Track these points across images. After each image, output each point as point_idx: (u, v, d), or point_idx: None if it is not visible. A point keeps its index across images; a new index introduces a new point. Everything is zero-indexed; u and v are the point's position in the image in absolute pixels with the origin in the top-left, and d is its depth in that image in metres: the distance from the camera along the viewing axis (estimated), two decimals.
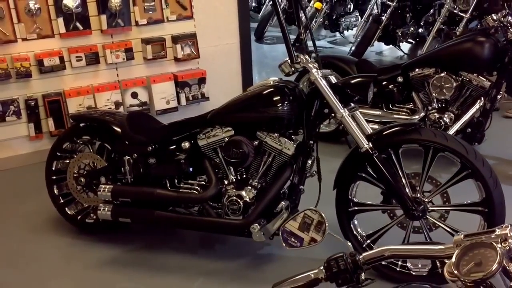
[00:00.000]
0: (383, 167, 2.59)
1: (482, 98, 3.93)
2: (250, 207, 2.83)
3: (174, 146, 3.03)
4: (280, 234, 1.50)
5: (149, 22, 4.84)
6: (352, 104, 2.78)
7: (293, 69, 2.77)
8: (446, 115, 3.98)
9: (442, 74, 3.94)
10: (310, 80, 2.70)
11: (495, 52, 3.86)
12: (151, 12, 4.86)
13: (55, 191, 3.41)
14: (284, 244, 1.46)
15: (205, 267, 3.02)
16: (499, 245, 1.00)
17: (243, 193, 2.84)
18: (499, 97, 4.07)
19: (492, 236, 1.03)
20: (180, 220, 2.96)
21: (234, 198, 2.83)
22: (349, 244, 1.31)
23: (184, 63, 5.14)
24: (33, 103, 4.57)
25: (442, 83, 3.93)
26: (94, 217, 3.30)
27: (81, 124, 3.28)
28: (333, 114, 2.71)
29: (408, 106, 4.22)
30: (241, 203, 2.82)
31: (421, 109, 4.09)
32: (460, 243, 1.06)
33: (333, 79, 2.81)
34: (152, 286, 2.87)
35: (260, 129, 2.82)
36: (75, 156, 3.36)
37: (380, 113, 4.24)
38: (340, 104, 2.66)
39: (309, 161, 2.88)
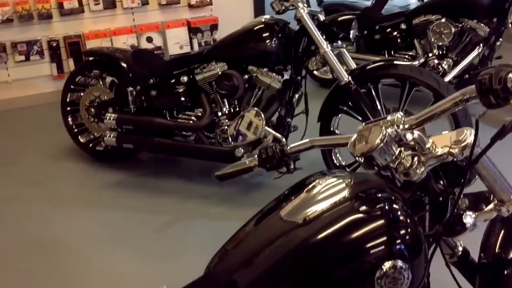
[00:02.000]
0: (361, 99, 2.73)
1: (481, 45, 3.96)
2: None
3: (174, 80, 3.23)
4: (235, 134, 1.66)
5: None
6: (340, 42, 2.90)
7: (283, 7, 2.88)
8: (445, 62, 3.97)
9: (442, 20, 3.95)
10: (297, 17, 2.83)
11: None
12: None
13: (69, 121, 3.68)
14: (233, 142, 1.61)
15: (199, 191, 3.26)
16: (387, 127, 1.16)
17: (234, 123, 3.03)
18: (498, 43, 4.05)
19: (384, 121, 1.18)
20: (177, 147, 3.18)
21: (226, 127, 3.02)
22: (284, 140, 1.48)
23: (198, 9, 5.28)
24: (55, 44, 4.82)
25: (442, 29, 3.96)
26: (104, 145, 3.57)
27: (91, 58, 3.50)
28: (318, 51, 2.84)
29: (409, 53, 4.24)
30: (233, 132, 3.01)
31: (421, 55, 4.10)
32: (360, 129, 1.23)
33: (321, 18, 2.92)
34: (151, 204, 3.13)
35: (251, 64, 2.97)
36: (86, 89, 3.60)
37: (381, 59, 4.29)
38: (324, 41, 2.78)
39: (297, 95, 3.03)
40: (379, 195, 1.16)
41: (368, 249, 1.06)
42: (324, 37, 2.81)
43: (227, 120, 3.05)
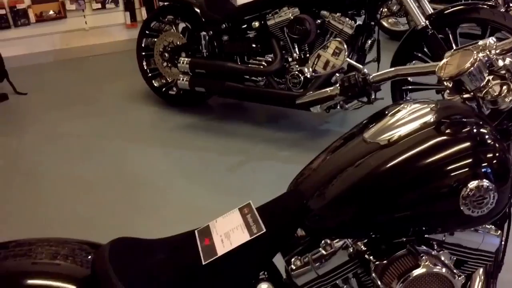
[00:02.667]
0: (437, 44, 2.64)
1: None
2: (309, 81, 3.02)
3: (245, 25, 3.25)
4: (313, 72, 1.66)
5: None
6: None
7: None
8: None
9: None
10: None
11: None
12: None
13: (144, 65, 3.81)
14: (313, 74, 1.60)
15: (267, 136, 3.32)
16: (478, 51, 1.14)
17: (305, 69, 3.03)
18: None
19: (475, 46, 1.16)
20: (247, 91, 3.23)
21: (296, 73, 3.03)
22: (365, 69, 1.48)
23: None
24: None
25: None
26: (175, 90, 3.69)
27: (166, 4, 3.57)
28: None
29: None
30: (302, 78, 3.02)
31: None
32: (449, 55, 1.21)
33: None
34: (221, 146, 3.23)
35: (324, 9, 2.93)
36: (160, 34, 3.69)
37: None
38: None
39: (369, 41, 2.98)
40: (466, 119, 1.15)
41: (454, 168, 1.07)
42: None
43: (297, 66, 3.06)
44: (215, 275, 1.13)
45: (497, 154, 1.09)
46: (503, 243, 1.24)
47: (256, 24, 3.19)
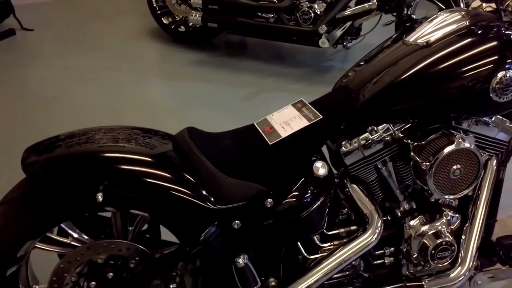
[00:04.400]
0: None
1: None
2: (319, 18, 3.16)
3: None
4: None
5: None
6: None
7: None
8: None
9: None
10: None
11: None
12: None
13: (153, 3, 3.87)
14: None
15: (276, 70, 3.48)
16: None
17: (315, 5, 3.17)
18: None
19: None
20: (259, 27, 3.36)
21: (307, 9, 3.17)
22: None
23: None
24: None
25: None
26: (184, 28, 3.79)
27: None
28: None
29: None
30: (312, 14, 3.16)
31: None
32: None
33: None
34: (234, 79, 3.38)
35: None
36: None
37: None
38: None
39: None
40: (493, 24, 1.34)
41: (485, 62, 1.27)
42: None
43: (307, 2, 3.19)
44: (280, 153, 1.33)
45: None
46: None
47: None
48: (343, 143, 1.36)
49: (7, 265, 1.21)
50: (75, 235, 1.34)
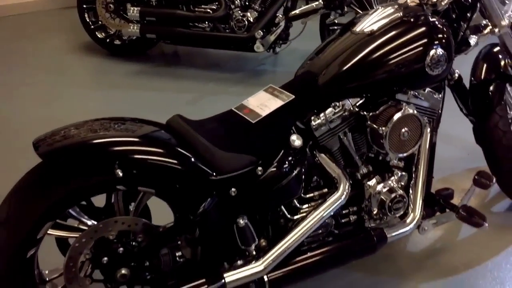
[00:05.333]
0: None
1: None
2: (252, 25, 3.42)
3: None
4: None
5: None
6: None
7: None
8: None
9: None
10: None
11: None
12: None
13: (86, 18, 3.91)
14: None
15: (214, 76, 3.68)
16: None
17: (248, 13, 3.42)
18: None
19: None
20: (196, 37, 3.54)
21: (240, 17, 3.41)
22: None
23: None
24: None
25: None
26: (120, 41, 3.88)
27: None
28: None
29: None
30: (246, 22, 3.41)
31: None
32: None
33: None
34: (175, 86, 3.52)
35: None
36: None
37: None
38: None
39: None
40: (421, 14, 1.65)
41: (420, 44, 1.58)
42: None
43: (240, 12, 3.43)
44: (262, 129, 1.53)
45: (445, 34, 1.61)
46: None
47: None
48: (312, 118, 1.59)
49: (28, 246, 1.29)
50: (83, 220, 1.45)
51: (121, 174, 1.27)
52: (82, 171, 1.30)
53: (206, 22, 3.54)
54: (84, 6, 3.89)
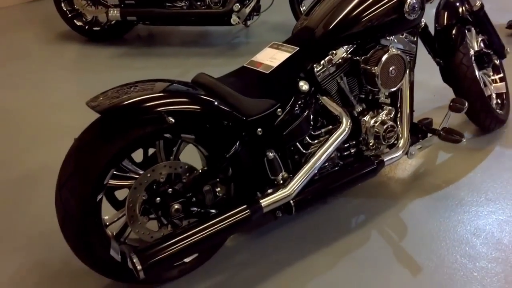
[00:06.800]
0: None
1: None
2: (227, 0, 3.61)
3: None
4: None
5: None
6: None
7: None
8: None
9: None
10: None
11: None
12: None
13: (63, 7, 3.99)
14: None
15: (194, 52, 3.86)
16: None
17: None
18: None
19: None
20: (174, 15, 3.70)
21: None
22: None
23: None
24: None
25: None
26: (99, 27, 3.98)
27: None
28: None
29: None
30: None
31: None
32: None
33: None
34: (159, 64, 3.67)
35: None
36: None
37: None
38: None
39: None
40: None
41: None
42: None
43: None
44: (276, 77, 1.77)
45: None
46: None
47: None
48: (314, 65, 1.84)
49: (97, 191, 1.49)
50: (134, 170, 1.65)
51: (173, 120, 1.48)
52: (137, 122, 1.50)
53: (183, 1, 3.70)
54: None
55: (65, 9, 3.99)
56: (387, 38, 1.93)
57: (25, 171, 2.42)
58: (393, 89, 1.93)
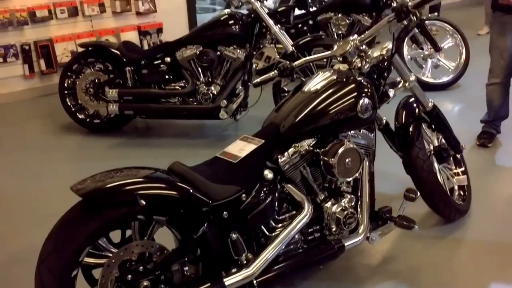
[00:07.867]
0: None
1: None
2: (216, 97, 3.93)
3: (160, 61, 4.05)
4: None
5: None
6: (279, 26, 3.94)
7: (240, 3, 3.86)
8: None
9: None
10: (252, 9, 3.83)
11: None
12: None
13: (67, 102, 4.31)
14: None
15: (185, 143, 4.11)
16: (352, 41, 2.19)
17: (212, 87, 3.94)
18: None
19: (349, 39, 2.21)
20: (168, 110, 4.00)
21: (205, 91, 3.92)
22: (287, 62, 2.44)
23: (145, 16, 6.07)
24: (27, 47, 5.33)
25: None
26: (100, 119, 4.28)
27: (90, 48, 4.20)
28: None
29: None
30: (210, 94, 3.91)
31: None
32: (338, 44, 2.24)
33: (266, 10, 3.94)
34: (152, 153, 3.91)
35: (220, 44, 3.90)
36: (82, 75, 4.26)
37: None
38: (272, 22, 3.82)
39: (254, 65, 4.01)
40: (350, 75, 2.18)
41: (352, 96, 2.09)
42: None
43: (205, 86, 3.95)
44: (243, 166, 1.96)
45: (369, 89, 2.13)
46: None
47: (168, 59, 4.02)
48: (279, 157, 2.04)
49: (72, 267, 1.61)
50: (109, 249, 1.79)
51: (144, 203, 1.64)
52: (113, 205, 1.66)
53: (176, 97, 4.02)
54: (65, 92, 4.30)
55: (69, 104, 4.31)
56: (345, 133, 2.15)
57: (14, 250, 2.53)
58: (350, 179, 2.11)
